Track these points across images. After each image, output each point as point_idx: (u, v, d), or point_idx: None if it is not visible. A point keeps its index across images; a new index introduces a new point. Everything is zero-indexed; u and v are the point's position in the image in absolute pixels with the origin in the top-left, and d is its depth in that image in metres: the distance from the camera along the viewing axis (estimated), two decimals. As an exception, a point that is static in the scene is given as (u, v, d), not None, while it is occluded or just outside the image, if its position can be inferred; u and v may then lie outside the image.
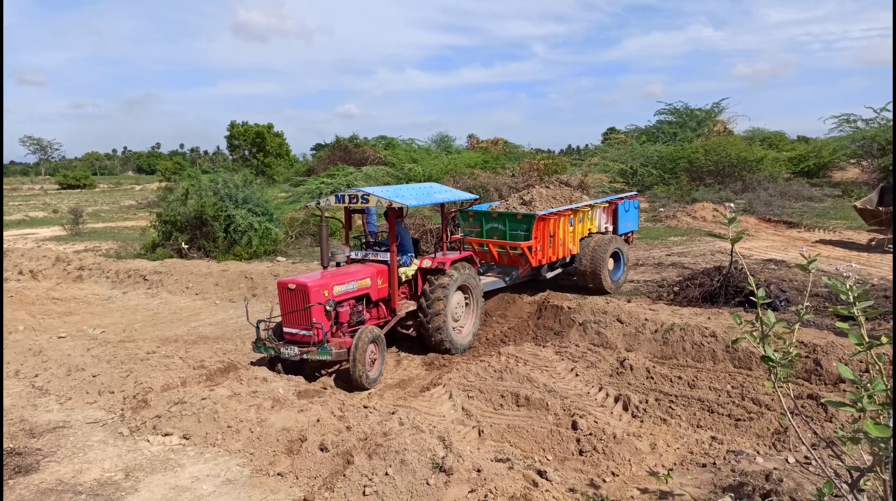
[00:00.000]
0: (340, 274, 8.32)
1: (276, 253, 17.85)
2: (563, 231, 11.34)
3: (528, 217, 10.78)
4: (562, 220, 11.26)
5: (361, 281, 8.40)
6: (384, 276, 8.73)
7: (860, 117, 31.62)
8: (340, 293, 8.08)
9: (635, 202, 13.59)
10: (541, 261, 11.03)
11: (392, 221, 8.45)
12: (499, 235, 11.16)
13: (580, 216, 11.83)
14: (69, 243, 21.86)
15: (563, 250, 11.46)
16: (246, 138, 58.19)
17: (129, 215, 32.98)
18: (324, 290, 7.82)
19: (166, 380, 6.92)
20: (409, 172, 27.43)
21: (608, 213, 12.74)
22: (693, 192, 26.71)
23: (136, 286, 14.14)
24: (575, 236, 11.74)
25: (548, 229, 10.91)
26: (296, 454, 5.31)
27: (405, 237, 9.26)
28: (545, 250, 10.99)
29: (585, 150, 64.64)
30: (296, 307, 7.83)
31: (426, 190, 9.58)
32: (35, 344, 8.79)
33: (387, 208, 8.34)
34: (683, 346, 8.18)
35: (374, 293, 8.63)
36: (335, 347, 7.58)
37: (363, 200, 8.42)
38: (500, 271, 11.32)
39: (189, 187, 18.97)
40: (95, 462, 5.37)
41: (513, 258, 11.05)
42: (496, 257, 11.30)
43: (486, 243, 11.22)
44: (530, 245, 10.66)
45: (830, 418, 6.05)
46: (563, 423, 6.12)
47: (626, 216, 13.14)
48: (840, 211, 21.94)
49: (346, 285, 8.16)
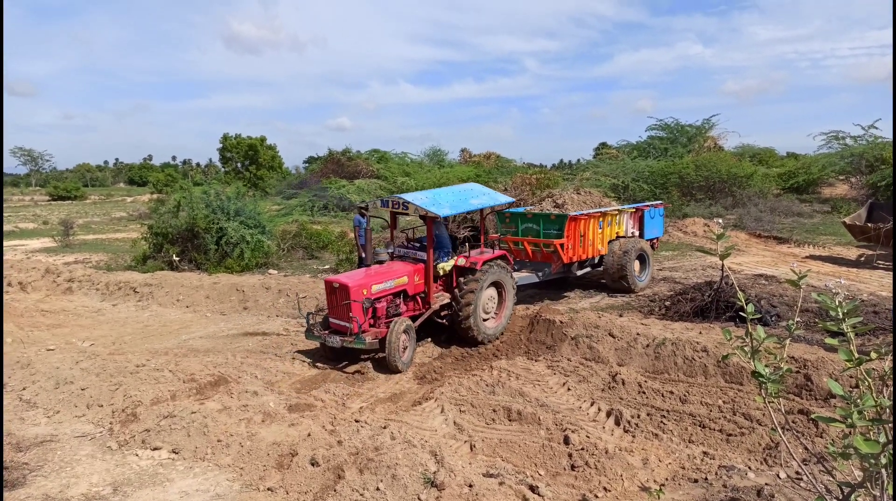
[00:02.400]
0: (380, 273, 9.29)
1: (267, 266, 17.78)
2: (592, 232, 12.35)
3: (560, 217, 11.87)
4: (591, 222, 12.31)
5: (399, 279, 9.37)
6: (421, 273, 9.66)
7: (849, 134, 31.94)
8: (378, 291, 9.06)
9: (660, 210, 14.44)
10: (571, 258, 12.05)
11: (430, 225, 9.32)
12: (533, 234, 12.33)
13: (609, 220, 12.86)
14: (59, 255, 21.71)
15: (593, 250, 12.48)
16: (239, 151, 58.13)
17: (120, 227, 32.79)
18: (363, 289, 8.83)
19: (156, 393, 6.87)
20: (401, 185, 27.50)
21: (635, 218, 13.66)
22: (684, 207, 26.85)
23: (126, 299, 14.05)
24: (604, 237, 12.71)
25: (578, 230, 11.96)
26: (286, 468, 5.27)
27: (443, 237, 10.18)
28: (576, 248, 12.03)
29: (577, 164, 64.86)
30: (339, 303, 8.92)
31: (463, 195, 10.29)
32: (23, 357, 8.71)
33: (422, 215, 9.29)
34: (675, 361, 8.20)
35: (411, 289, 9.58)
36: (371, 336, 8.66)
37: (403, 206, 9.42)
38: (533, 268, 12.49)
39: (181, 200, 18.88)
40: (83, 477, 5.32)
41: (546, 256, 12.18)
42: (530, 255, 12.46)
43: (522, 240, 12.40)
44: (562, 243, 11.69)
45: (821, 433, 6.07)
46: (555, 438, 6.12)
47: (652, 223, 13.98)
48: (829, 227, 22.11)
49: (383, 284, 9.13)
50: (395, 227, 10.40)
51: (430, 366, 9.12)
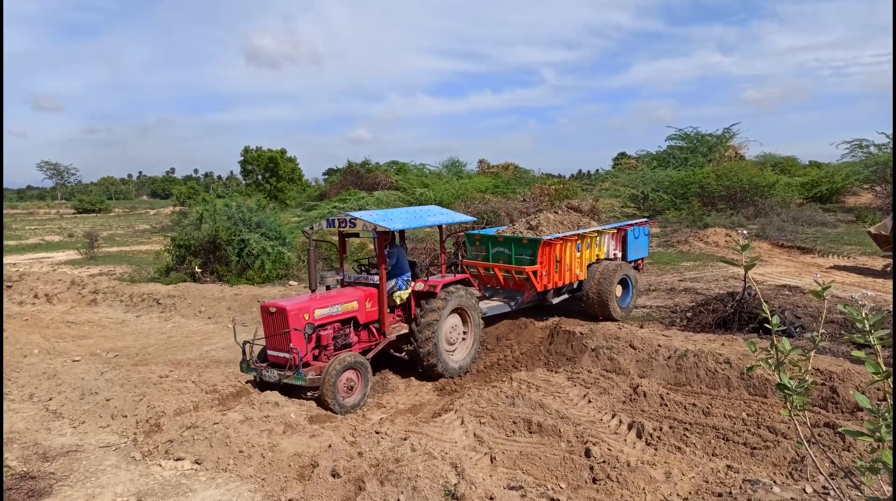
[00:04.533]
0: (324, 298, 8.31)
1: (287, 277, 17.93)
2: (569, 257, 11.09)
3: (533, 242, 10.56)
4: (568, 245, 11.02)
5: (347, 304, 8.36)
6: (374, 299, 8.66)
7: (872, 142, 31.58)
8: (322, 317, 8.04)
9: (645, 229, 13.27)
10: (546, 286, 10.80)
11: (381, 244, 8.46)
12: (504, 259, 10.95)
13: (587, 242, 11.56)
14: (84, 267, 22.09)
15: (570, 276, 11.21)
16: (259, 163, 58.75)
17: (144, 240, 33.30)
18: (303, 314, 7.80)
19: (179, 404, 6.94)
20: (420, 196, 27.59)
21: (617, 239, 12.45)
22: (705, 217, 26.62)
23: (149, 310, 14.24)
24: (582, 261, 11.47)
25: (553, 254, 10.70)
26: (307, 479, 5.30)
27: (401, 260, 9.21)
28: (551, 275, 10.76)
29: (596, 175, 64.72)
30: (276, 331, 7.86)
31: (420, 213, 9.46)
32: (50, 368, 8.86)
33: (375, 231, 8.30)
34: (697, 372, 8.11)
35: (363, 317, 8.58)
36: (315, 371, 7.57)
37: (350, 224, 8.42)
38: (505, 296, 11.18)
39: (203, 212, 19.16)
40: (108, 487, 5.39)
41: (518, 283, 10.87)
42: (501, 282, 11.10)
43: (492, 266, 11.04)
44: (535, 270, 10.45)
45: (848, 447, 5.95)
46: (577, 450, 6.07)
47: (636, 243, 12.81)
48: (854, 237, 21.77)
49: (328, 309, 8.13)
50: (345, 251, 9.40)
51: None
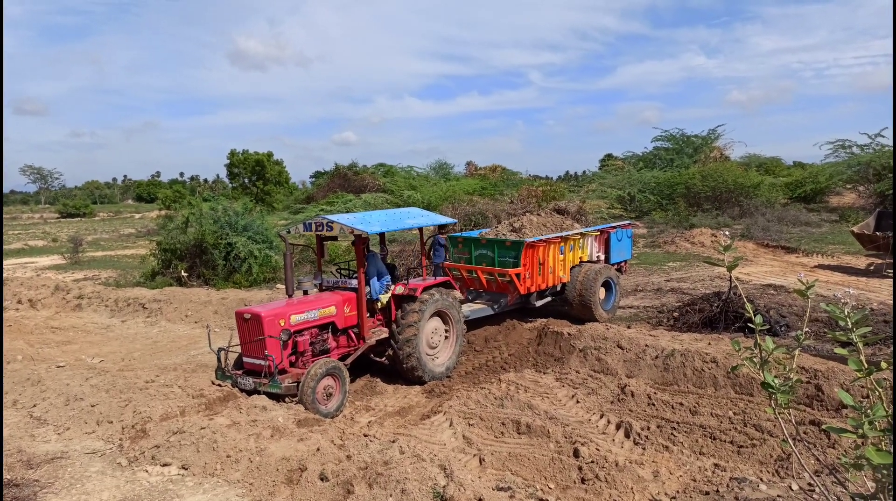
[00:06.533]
0: (301, 303, 8.18)
1: (275, 280, 17.83)
2: (552, 259, 11.16)
3: (516, 244, 10.60)
4: (551, 248, 11.08)
5: (324, 309, 8.26)
6: (352, 303, 8.58)
7: (855, 143, 31.91)
8: (299, 323, 7.94)
9: (629, 231, 13.38)
10: (529, 289, 10.82)
11: (359, 248, 8.39)
12: (487, 261, 10.98)
13: (570, 245, 11.64)
14: (68, 272, 21.85)
15: (553, 279, 11.28)
16: (246, 166, 58.49)
17: (129, 244, 33.01)
18: (279, 320, 7.68)
19: (165, 409, 6.89)
20: (408, 199, 27.57)
21: (600, 242, 12.55)
22: (691, 218, 26.83)
23: (135, 315, 14.11)
24: (565, 264, 11.55)
25: (537, 257, 10.75)
26: (296, 483, 5.27)
27: (381, 267, 9.15)
28: (534, 277, 10.80)
29: (583, 176, 65.09)
30: (251, 338, 7.73)
31: (399, 216, 9.43)
32: (34, 374, 8.75)
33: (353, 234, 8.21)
34: (684, 372, 8.17)
35: (341, 321, 8.50)
36: (292, 378, 7.46)
37: (328, 227, 8.32)
38: (488, 299, 11.23)
39: (189, 215, 19.02)
40: (94, 494, 5.32)
41: (501, 286, 10.87)
42: (485, 284, 11.12)
43: (475, 269, 11.05)
44: (518, 272, 10.45)
45: (833, 444, 6.02)
46: (565, 451, 6.09)
47: (619, 245, 12.90)
48: (838, 236, 22.01)
49: (305, 314, 8.02)
50: (323, 254, 9.29)
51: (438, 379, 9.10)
